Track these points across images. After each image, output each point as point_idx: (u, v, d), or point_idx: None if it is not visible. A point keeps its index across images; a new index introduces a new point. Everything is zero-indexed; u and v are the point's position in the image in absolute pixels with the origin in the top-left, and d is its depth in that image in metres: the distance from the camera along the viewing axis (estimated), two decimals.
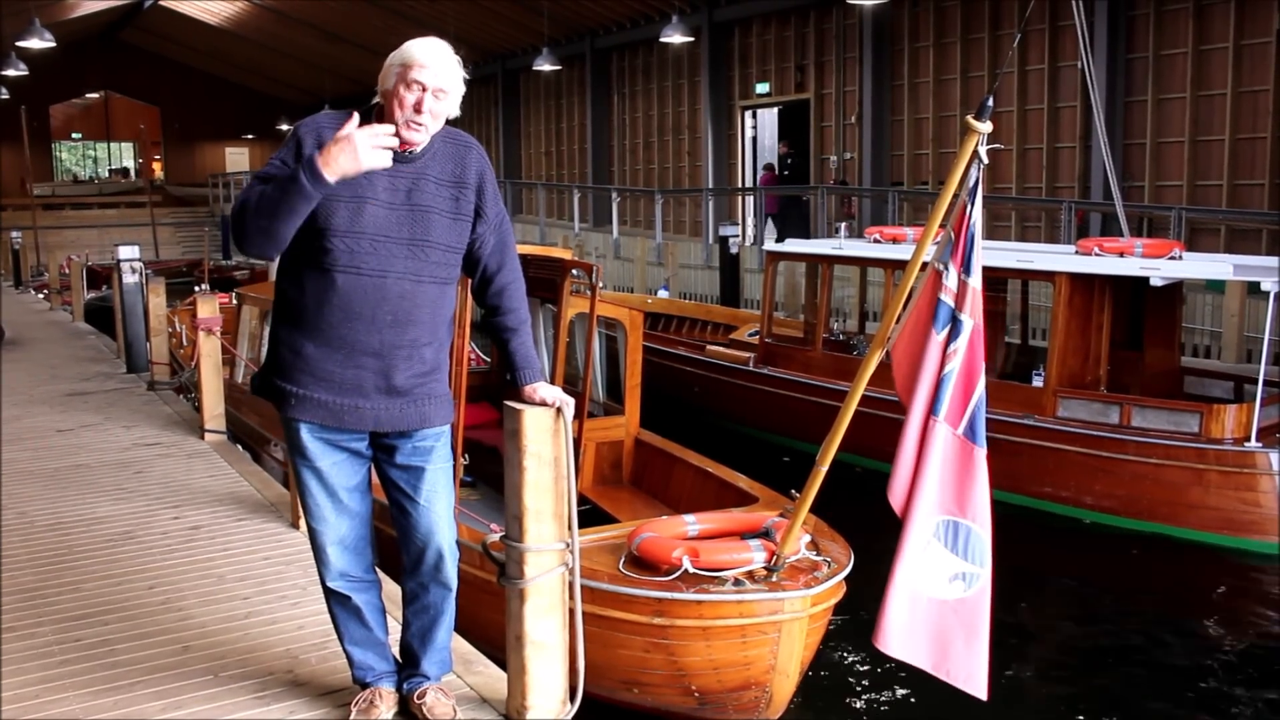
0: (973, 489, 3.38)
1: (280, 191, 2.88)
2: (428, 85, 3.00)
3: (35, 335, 14.47)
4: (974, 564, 3.37)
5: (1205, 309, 11.81)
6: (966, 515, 3.37)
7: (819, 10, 19.84)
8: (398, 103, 3.00)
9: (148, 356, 10.71)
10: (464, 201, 3.15)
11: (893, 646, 3.32)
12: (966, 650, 3.33)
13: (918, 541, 3.35)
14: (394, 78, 3.02)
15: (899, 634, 3.33)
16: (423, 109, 3.00)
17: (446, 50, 3.06)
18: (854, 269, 11.41)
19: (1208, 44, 14.17)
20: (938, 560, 3.35)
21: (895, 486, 3.43)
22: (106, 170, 47.35)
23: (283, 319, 3.19)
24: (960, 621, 3.34)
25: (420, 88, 2.99)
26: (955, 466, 3.39)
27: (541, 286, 6.56)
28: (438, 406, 3.25)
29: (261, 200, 2.90)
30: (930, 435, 3.39)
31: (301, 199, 2.87)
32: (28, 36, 20.77)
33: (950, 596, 3.35)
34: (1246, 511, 7.58)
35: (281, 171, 2.95)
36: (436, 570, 3.33)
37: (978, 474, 3.38)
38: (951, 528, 3.37)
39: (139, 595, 4.70)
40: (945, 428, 3.38)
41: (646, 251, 19.63)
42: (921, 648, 3.34)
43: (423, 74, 2.99)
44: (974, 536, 3.37)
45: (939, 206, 3.49)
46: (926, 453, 3.39)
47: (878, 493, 3.57)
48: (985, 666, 3.34)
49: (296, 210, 2.89)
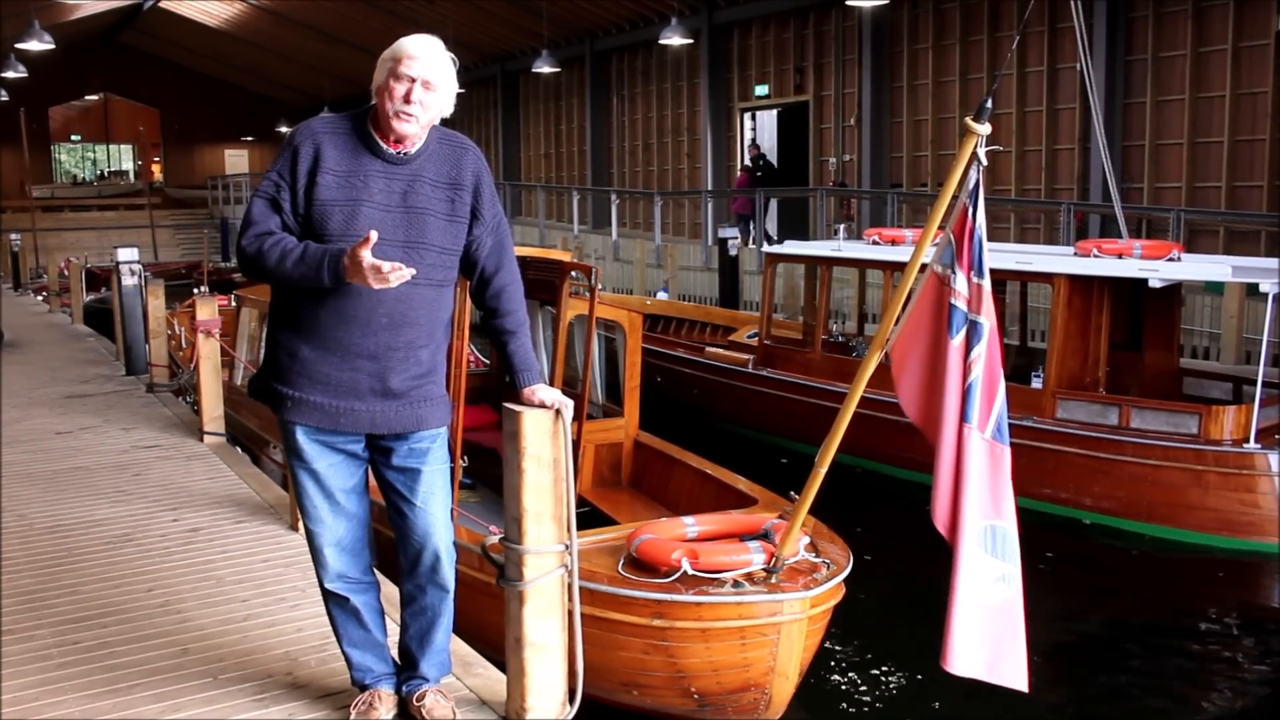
0: (1003, 488, 3.37)
1: (299, 272, 2.99)
2: (416, 76, 3.04)
3: (34, 337, 14.46)
4: (1010, 563, 3.36)
5: (1204, 310, 11.82)
6: (1000, 516, 3.36)
7: (818, 12, 19.86)
8: (388, 95, 3.04)
9: (147, 359, 10.70)
10: (460, 203, 3.16)
11: (959, 666, 3.27)
12: (1010, 647, 3.31)
13: (970, 557, 3.31)
14: (385, 72, 3.07)
15: (965, 653, 3.27)
16: (412, 99, 3.03)
17: (437, 44, 3.10)
18: (853, 271, 11.42)
19: (1206, 46, 14.18)
20: (985, 568, 3.33)
21: (938, 506, 3.37)
22: (104, 172, 47.32)
23: (279, 322, 3.21)
24: (1004, 621, 3.32)
25: (409, 79, 3.03)
26: (989, 471, 3.36)
27: (541, 288, 6.56)
28: (434, 409, 3.25)
29: (279, 266, 3.00)
30: (965, 444, 3.35)
31: (317, 285, 3.01)
32: (27, 38, 20.77)
33: (996, 600, 3.33)
34: (1245, 512, 7.58)
35: (278, 193, 3.05)
36: (434, 572, 3.33)
37: (1006, 473, 3.37)
38: (991, 532, 3.34)
39: (138, 598, 4.69)
40: (977, 434, 3.36)
41: (646, 253, 19.63)
42: (979, 658, 3.30)
43: (412, 66, 3.04)
44: (1008, 535, 3.36)
45: (938, 208, 3.49)
46: (965, 464, 3.34)
47: (877, 494, 3.57)
48: (1025, 659, 3.33)
49: (310, 286, 3.03)
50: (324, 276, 2.96)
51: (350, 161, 3.07)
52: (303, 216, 3.07)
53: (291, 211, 3.07)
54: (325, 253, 2.97)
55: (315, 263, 2.97)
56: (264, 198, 3.08)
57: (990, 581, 3.33)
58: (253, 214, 3.08)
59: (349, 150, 3.07)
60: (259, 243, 3.03)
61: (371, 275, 2.87)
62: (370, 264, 2.86)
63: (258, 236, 3.04)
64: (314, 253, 2.98)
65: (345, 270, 2.92)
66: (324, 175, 3.04)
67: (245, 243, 3.05)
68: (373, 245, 2.90)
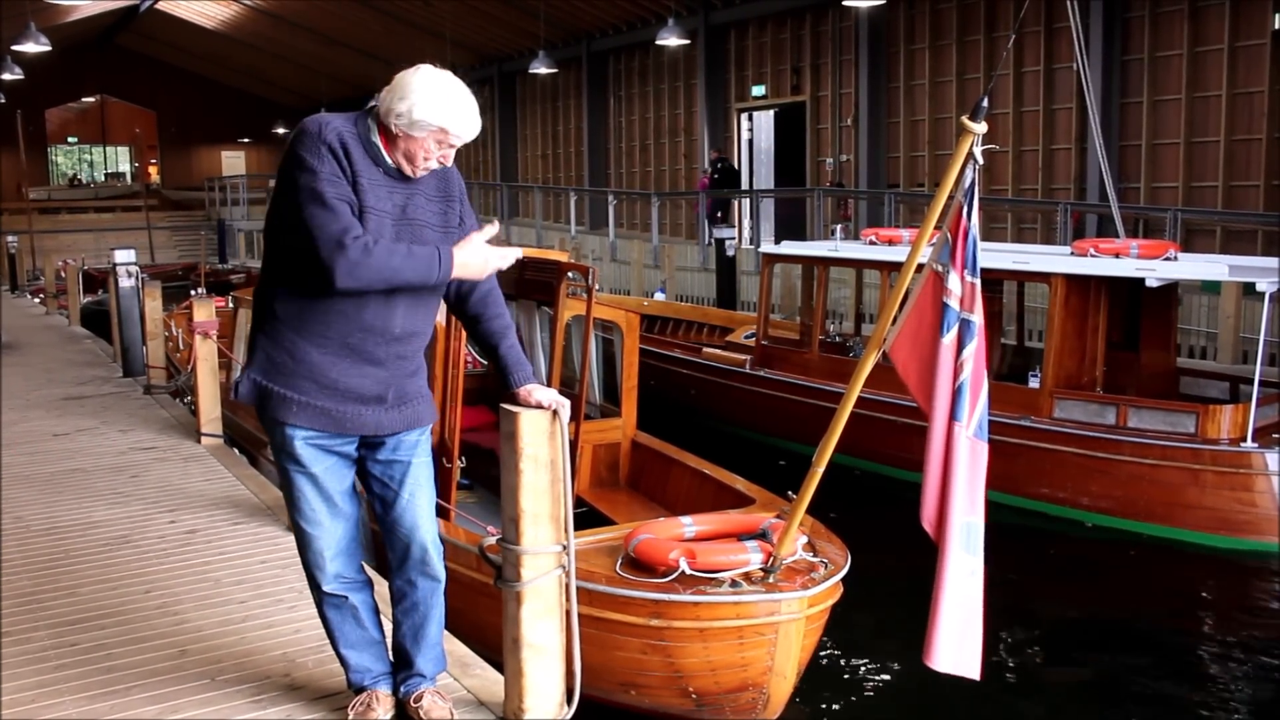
0: (978, 485, 3.37)
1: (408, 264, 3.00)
2: (455, 146, 3.12)
3: (31, 339, 14.45)
4: (978, 557, 3.37)
5: (1201, 310, 11.83)
6: (974, 512, 3.36)
7: (815, 13, 19.87)
8: (421, 150, 3.06)
9: (144, 360, 10.69)
10: (450, 215, 3.24)
11: (943, 663, 3.28)
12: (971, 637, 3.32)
13: (955, 555, 3.32)
14: (424, 131, 3.03)
15: (949, 650, 3.28)
16: (443, 162, 3.13)
17: (478, 116, 3.12)
18: (850, 271, 11.43)
19: (1203, 46, 14.20)
20: (962, 565, 3.34)
21: (926, 504, 3.37)
22: (103, 174, 47.29)
23: (282, 324, 3.15)
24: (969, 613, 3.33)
25: (451, 149, 3.12)
26: (970, 468, 3.37)
27: (538, 289, 6.55)
28: (426, 406, 3.35)
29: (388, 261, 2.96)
30: (954, 443, 3.35)
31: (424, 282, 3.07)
32: (23, 40, 20.72)
33: (970, 595, 3.34)
34: (1243, 511, 7.59)
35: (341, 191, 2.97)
36: (423, 564, 3.36)
37: (982, 469, 3.38)
38: (967, 529, 3.35)
39: (135, 599, 4.69)
40: (964, 432, 3.36)
41: (643, 254, 19.64)
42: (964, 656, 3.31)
43: (457, 141, 3.10)
44: (978, 531, 3.37)
45: (934, 207, 3.49)
46: (953, 463, 3.34)
47: (875, 494, 3.57)
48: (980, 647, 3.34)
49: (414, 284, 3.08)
50: (434, 273, 3.04)
51: (365, 168, 3.07)
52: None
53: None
54: (437, 248, 3.05)
55: (426, 257, 3.02)
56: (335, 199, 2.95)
57: (964, 577, 3.34)
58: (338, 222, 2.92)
59: (361, 158, 3.07)
60: (363, 242, 2.93)
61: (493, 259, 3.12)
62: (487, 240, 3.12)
63: (357, 239, 2.93)
64: (423, 250, 3.04)
65: (458, 269, 3.07)
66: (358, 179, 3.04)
67: (351, 250, 2.90)
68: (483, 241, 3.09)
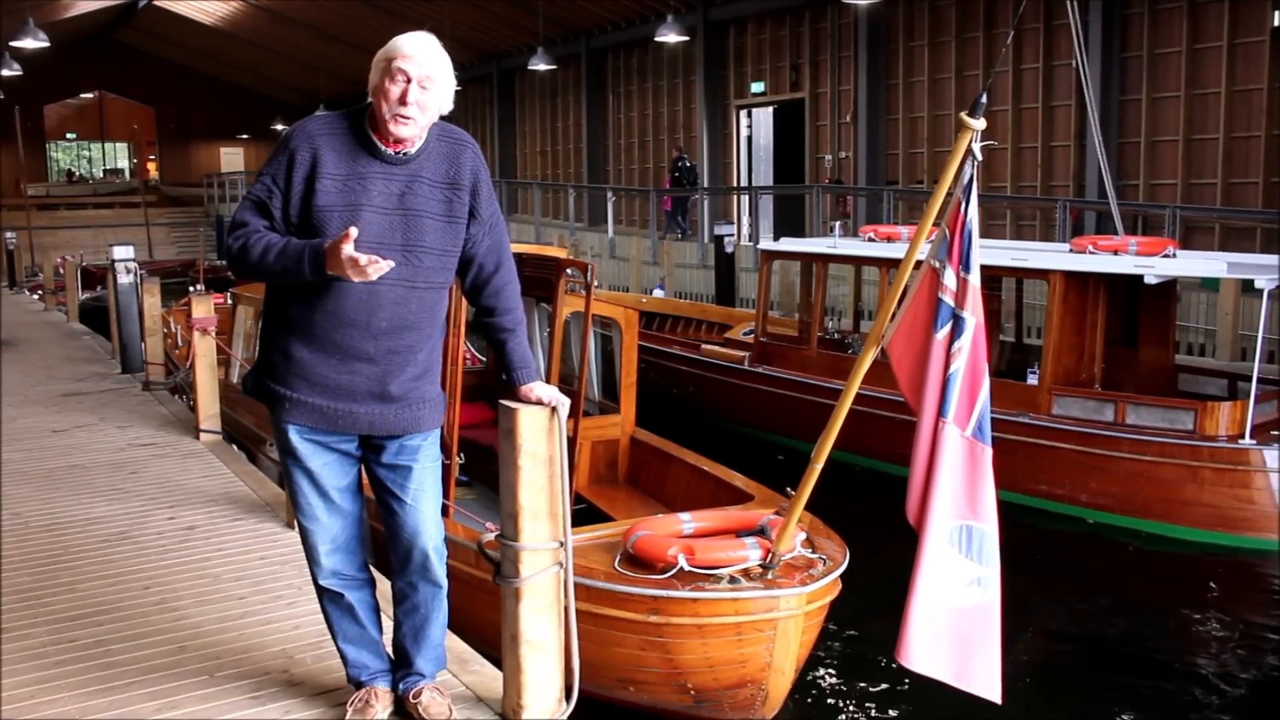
0: (982, 490, 3.34)
1: (281, 265, 2.97)
2: (412, 75, 2.98)
3: (30, 336, 14.44)
4: (986, 566, 3.33)
5: (1200, 307, 11.84)
6: (978, 518, 3.33)
7: (814, 9, 19.86)
8: (384, 97, 2.99)
9: (143, 357, 10.68)
10: (458, 204, 3.12)
11: (916, 661, 3.26)
12: (983, 655, 3.29)
13: (935, 551, 3.29)
14: (379, 73, 3.01)
15: (922, 648, 3.26)
16: (408, 100, 2.97)
17: (432, 40, 3.04)
18: (849, 268, 11.42)
19: (1202, 43, 14.20)
20: (955, 568, 3.30)
21: (911, 498, 3.36)
22: (101, 171, 47.25)
23: (275, 322, 3.18)
24: (976, 626, 3.30)
25: (405, 78, 2.98)
26: (965, 469, 3.34)
27: (537, 285, 6.55)
28: (431, 410, 3.25)
29: (262, 261, 2.99)
30: (940, 439, 3.33)
31: (301, 280, 2.99)
32: (22, 36, 20.73)
33: (968, 604, 3.30)
34: (1241, 508, 7.59)
35: (269, 198, 3.03)
36: (424, 569, 3.33)
37: (986, 474, 3.34)
38: (965, 532, 3.32)
39: (134, 596, 4.69)
40: (954, 429, 3.34)
41: (642, 251, 19.64)
42: (944, 660, 3.29)
43: (407, 64, 2.98)
44: (986, 538, 3.33)
45: (933, 204, 3.49)
46: (938, 458, 3.32)
47: (873, 490, 3.57)
48: (999, 669, 3.30)
49: (294, 281, 3.02)
50: (305, 269, 2.94)
51: (349, 164, 3.02)
52: (299, 221, 3.03)
53: (282, 218, 3.04)
54: (307, 246, 2.95)
55: (296, 255, 2.95)
56: (253, 201, 3.07)
57: (962, 583, 3.30)
58: (240, 216, 3.07)
59: (347, 152, 3.03)
60: (244, 239, 3.02)
61: (350, 268, 2.85)
62: (349, 256, 2.83)
63: (243, 234, 3.03)
64: (295, 246, 2.96)
65: (326, 262, 2.89)
66: (322, 180, 3.00)
67: (231, 241, 3.04)
68: (366, 247, 2.88)
